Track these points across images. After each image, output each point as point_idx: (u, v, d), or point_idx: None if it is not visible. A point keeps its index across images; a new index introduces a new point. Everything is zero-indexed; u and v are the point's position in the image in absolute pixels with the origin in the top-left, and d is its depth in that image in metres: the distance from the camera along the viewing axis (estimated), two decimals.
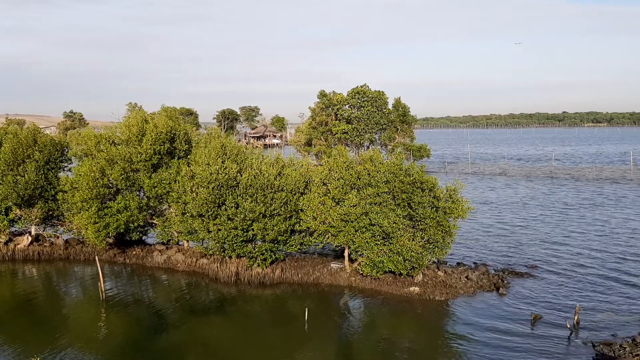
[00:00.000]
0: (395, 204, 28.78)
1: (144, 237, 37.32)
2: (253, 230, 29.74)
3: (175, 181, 32.98)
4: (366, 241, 28.36)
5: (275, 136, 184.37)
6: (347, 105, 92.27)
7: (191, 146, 36.00)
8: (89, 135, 36.26)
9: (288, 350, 22.31)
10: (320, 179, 30.64)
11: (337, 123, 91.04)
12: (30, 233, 37.99)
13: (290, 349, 22.46)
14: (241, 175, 30.71)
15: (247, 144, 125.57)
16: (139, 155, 33.93)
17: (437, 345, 22.73)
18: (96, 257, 32.32)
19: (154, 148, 34.05)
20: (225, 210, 29.90)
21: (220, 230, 30.01)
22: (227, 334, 24.16)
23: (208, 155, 31.67)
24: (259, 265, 30.83)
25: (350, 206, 28.51)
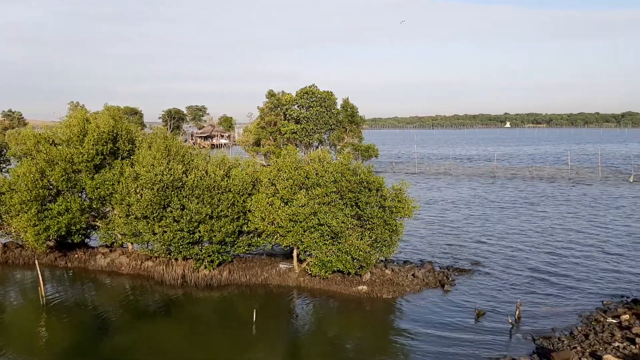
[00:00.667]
0: (344, 204, 29.01)
1: (87, 240, 36.23)
2: (200, 231, 29.36)
3: (118, 182, 32.26)
4: (315, 241, 28.46)
5: (223, 136, 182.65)
6: (296, 105, 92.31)
7: (135, 146, 35.28)
8: (28, 135, 34.99)
9: (236, 352, 22.15)
10: (269, 179, 30.54)
11: (286, 123, 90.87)
12: None
13: (239, 350, 22.29)
14: (187, 177, 30.28)
15: (194, 144, 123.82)
16: (80, 156, 33.00)
17: (385, 342, 23.07)
18: (36, 261, 31.25)
19: (96, 148, 33.19)
20: (171, 212, 29.41)
21: (165, 232, 29.50)
22: (174, 337, 23.74)
23: (152, 156, 31.09)
24: (206, 267, 30.46)
25: (299, 206, 28.54)
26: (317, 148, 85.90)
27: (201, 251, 30.11)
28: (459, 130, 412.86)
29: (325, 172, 29.61)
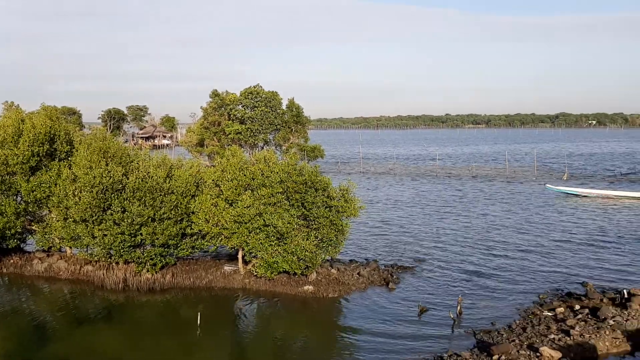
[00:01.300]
0: (290, 204, 29.01)
1: (22, 245, 34.80)
2: (141, 234, 28.73)
3: (56, 185, 31.17)
4: (260, 242, 28.34)
5: (165, 137, 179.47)
6: (240, 105, 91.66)
7: (73, 147, 34.21)
8: None
9: (181, 357, 21.77)
10: (213, 180, 30.21)
11: (230, 123, 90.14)
12: None
13: (183, 355, 21.94)
14: (128, 178, 29.58)
15: (135, 145, 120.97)
16: (15, 158, 31.71)
17: (330, 340, 23.28)
18: None
19: (31, 150, 31.97)
20: (111, 214, 28.65)
21: (106, 235, 28.71)
22: (116, 343, 23.14)
23: (90, 158, 30.22)
24: (148, 271, 29.83)
25: (244, 207, 28.35)
26: (263, 149, 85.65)
27: (143, 254, 29.47)
28: (402, 131, 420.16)
29: (271, 173, 29.54)
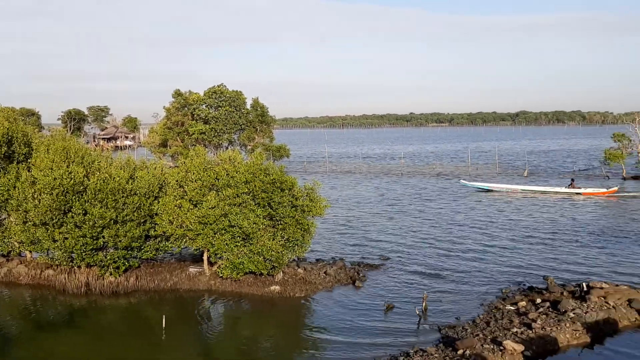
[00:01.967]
0: (256, 204, 28.87)
1: None
2: (104, 237, 28.19)
3: (14, 187, 30.36)
4: (226, 243, 28.13)
5: (127, 137, 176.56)
6: (204, 105, 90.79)
7: (32, 149, 33.37)
8: None
9: (145, 359, 21.49)
10: (177, 180, 29.85)
11: (194, 123, 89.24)
12: None
13: (148, 357, 21.67)
14: (89, 180, 28.98)
15: (97, 146, 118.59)
16: None
17: (297, 339, 23.28)
18: None
19: None
20: (72, 217, 28.03)
21: (67, 238, 28.07)
22: (80, 348, 22.64)
23: (51, 159, 29.50)
24: (111, 274, 29.29)
25: (209, 208, 28.10)
26: (227, 148, 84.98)
27: (106, 257, 28.92)
28: (367, 130, 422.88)
29: (237, 173, 29.36)
